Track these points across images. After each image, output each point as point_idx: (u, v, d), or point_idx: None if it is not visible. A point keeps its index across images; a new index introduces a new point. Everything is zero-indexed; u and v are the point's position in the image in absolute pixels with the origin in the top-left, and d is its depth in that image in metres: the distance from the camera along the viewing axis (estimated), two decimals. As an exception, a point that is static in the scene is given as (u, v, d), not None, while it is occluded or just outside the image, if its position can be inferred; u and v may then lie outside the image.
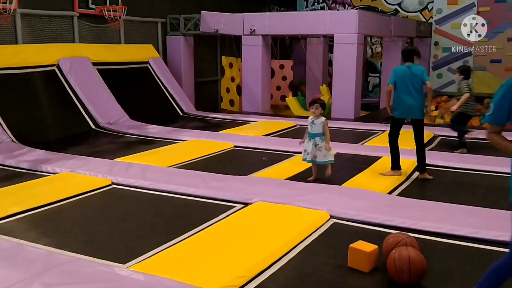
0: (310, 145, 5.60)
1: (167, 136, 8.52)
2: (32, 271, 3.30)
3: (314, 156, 5.58)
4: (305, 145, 5.68)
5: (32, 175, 6.01)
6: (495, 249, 3.89)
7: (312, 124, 5.61)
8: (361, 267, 3.53)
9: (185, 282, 3.20)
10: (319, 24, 10.96)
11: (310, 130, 5.62)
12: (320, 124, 5.58)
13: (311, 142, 5.60)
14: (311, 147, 5.58)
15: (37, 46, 9.05)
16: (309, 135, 5.63)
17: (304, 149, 5.71)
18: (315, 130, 5.59)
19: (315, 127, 5.59)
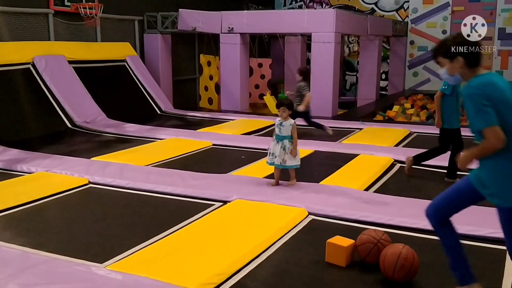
0: (278, 148, 5.24)
1: (145, 135, 8.47)
2: (8, 272, 3.26)
3: (283, 160, 5.24)
4: (272, 148, 5.31)
5: (7, 174, 5.91)
6: (466, 243, 3.97)
7: (281, 126, 5.28)
8: (339, 262, 3.59)
9: (163, 280, 3.19)
10: (297, 23, 11.01)
11: (278, 132, 5.29)
12: (289, 127, 5.25)
13: (279, 145, 5.26)
14: (279, 150, 5.23)
15: (12, 44, 8.89)
16: (277, 138, 5.29)
17: (270, 152, 5.32)
18: (283, 132, 5.26)
19: (283, 129, 5.27)
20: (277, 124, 5.33)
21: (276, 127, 5.32)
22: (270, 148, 5.34)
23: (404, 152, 7.10)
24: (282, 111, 5.28)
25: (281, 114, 5.28)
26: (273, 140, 5.35)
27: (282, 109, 5.28)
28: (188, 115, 11.01)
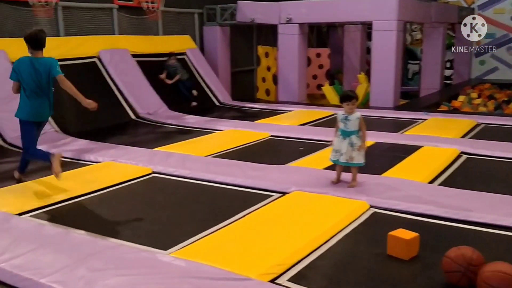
0: (345, 144, 4.81)
1: (205, 126, 8.60)
2: (77, 257, 3.41)
3: (350, 157, 4.82)
4: (337, 145, 4.89)
5: (76, 164, 6.19)
6: None
7: (346, 120, 4.82)
8: (401, 255, 3.50)
9: (225, 268, 3.24)
10: (357, 11, 10.78)
11: (343, 128, 4.84)
12: (356, 120, 4.81)
13: (346, 141, 4.82)
14: (346, 146, 4.81)
15: (78, 39, 9.27)
16: (343, 133, 4.84)
17: (334, 149, 4.91)
18: (350, 127, 4.81)
19: (350, 123, 4.81)
20: (341, 118, 4.87)
21: (340, 122, 4.87)
22: (334, 145, 4.92)
23: (472, 144, 6.82)
24: (351, 105, 4.78)
25: (349, 108, 4.79)
26: (337, 136, 4.91)
27: (352, 102, 4.78)
28: (246, 107, 11.08)
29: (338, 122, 4.91)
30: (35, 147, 5.20)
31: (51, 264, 3.30)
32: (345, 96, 4.88)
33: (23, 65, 5.01)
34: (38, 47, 4.98)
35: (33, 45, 4.98)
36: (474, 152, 6.45)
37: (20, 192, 5.03)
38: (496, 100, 12.11)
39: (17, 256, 3.43)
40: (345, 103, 4.82)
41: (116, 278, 3.11)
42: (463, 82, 15.19)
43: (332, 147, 5.01)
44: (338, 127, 4.94)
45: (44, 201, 4.72)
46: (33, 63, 5.00)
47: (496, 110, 11.18)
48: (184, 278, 3.11)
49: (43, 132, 7.48)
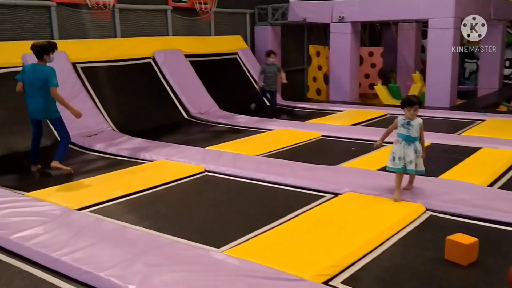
0: (411, 151, 4.53)
1: (255, 126, 8.64)
2: (134, 252, 3.51)
3: (416, 165, 4.57)
4: (400, 151, 4.56)
5: (131, 162, 6.37)
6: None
7: (408, 126, 4.54)
8: (459, 260, 3.38)
9: (278, 268, 3.24)
10: (412, 9, 10.51)
11: (406, 133, 4.55)
12: (418, 126, 4.57)
13: (411, 147, 4.54)
14: (413, 153, 4.53)
15: (134, 40, 9.55)
16: (407, 139, 4.55)
17: (398, 156, 4.56)
18: (413, 133, 4.54)
19: (413, 129, 4.54)
20: (402, 123, 4.59)
21: (402, 127, 4.58)
22: (394, 152, 4.59)
23: (534, 145, 6.51)
24: (413, 111, 4.52)
25: (411, 114, 4.53)
26: (398, 142, 4.60)
27: (414, 108, 4.51)
28: (296, 106, 11.05)
29: (398, 127, 4.62)
30: (33, 142, 5.97)
31: (109, 259, 3.41)
32: (407, 101, 4.57)
33: (27, 69, 5.78)
34: (39, 56, 5.68)
35: (35, 54, 5.70)
36: (537, 155, 6.15)
37: (80, 188, 5.24)
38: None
39: (77, 250, 3.57)
40: (407, 108, 4.54)
41: (171, 274, 3.18)
42: (524, 81, 14.51)
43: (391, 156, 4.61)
44: (389, 130, 4.76)
45: (102, 197, 4.88)
46: (34, 69, 5.72)
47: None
48: (237, 276, 3.14)
49: (100, 130, 7.81)
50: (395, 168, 4.59)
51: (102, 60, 8.79)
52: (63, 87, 7.89)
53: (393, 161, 4.60)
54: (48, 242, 3.71)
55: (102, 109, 8.25)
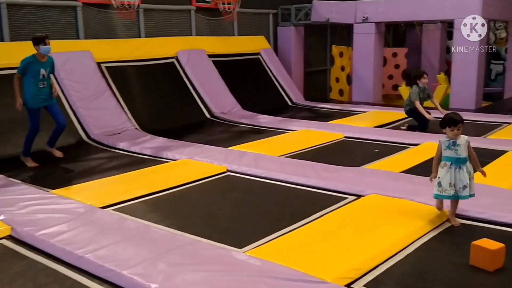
0: (465, 175, 4.00)
1: (278, 126, 8.63)
2: (157, 251, 3.53)
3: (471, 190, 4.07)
4: (451, 177, 4.00)
5: (154, 161, 6.42)
6: None
7: (455, 146, 4.01)
8: (485, 266, 3.31)
9: (300, 270, 3.22)
10: (437, 9, 10.36)
11: (455, 155, 4.01)
12: (465, 144, 4.04)
13: (463, 170, 4.00)
14: (467, 177, 4.02)
15: (158, 40, 9.63)
16: (457, 162, 4.00)
17: (448, 181, 4.00)
18: (461, 153, 4.02)
19: (461, 149, 4.01)
20: (447, 145, 4.04)
21: (447, 150, 4.04)
22: (442, 177, 4.04)
23: None
24: (457, 130, 4.00)
25: (454, 134, 4.01)
26: (446, 166, 4.04)
27: (456, 128, 3.99)
28: (318, 107, 11.00)
29: (443, 150, 4.08)
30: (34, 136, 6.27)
31: (132, 257, 3.44)
32: (450, 120, 4.02)
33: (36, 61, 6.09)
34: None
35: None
36: None
37: (104, 186, 5.30)
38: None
39: (101, 247, 3.61)
40: (449, 128, 4.00)
41: (194, 273, 3.19)
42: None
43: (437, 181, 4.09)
44: (438, 157, 4.13)
45: (125, 196, 4.93)
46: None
47: None
48: (259, 277, 3.13)
49: (124, 129, 7.91)
50: (445, 196, 4.09)
51: (127, 60, 8.90)
52: (88, 86, 8.04)
53: (440, 187, 4.05)
54: (73, 240, 3.76)
55: (126, 108, 8.35)
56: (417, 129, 8.10)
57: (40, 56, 5.99)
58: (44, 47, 5.94)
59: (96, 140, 7.48)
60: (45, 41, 5.93)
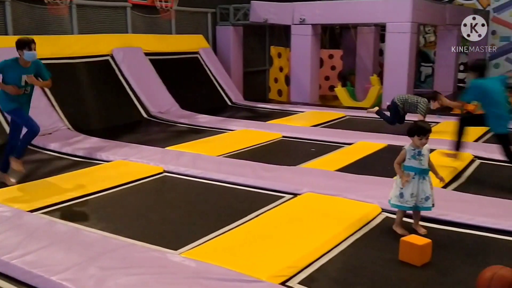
0: (427, 185, 3.92)
1: (217, 126, 8.60)
2: (88, 255, 3.41)
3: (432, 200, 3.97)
4: (414, 187, 3.89)
5: (87, 162, 6.21)
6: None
7: (420, 156, 3.92)
8: (413, 261, 3.46)
9: (235, 270, 3.22)
10: (371, 13, 10.72)
11: (419, 165, 3.91)
12: (427, 153, 3.98)
13: (426, 181, 3.91)
14: (429, 188, 3.94)
15: (92, 37, 9.32)
16: (420, 172, 3.90)
17: (410, 192, 3.88)
18: (425, 164, 3.95)
19: (424, 159, 3.93)
20: (412, 154, 3.92)
21: (412, 159, 3.92)
22: (403, 187, 3.90)
23: (486, 148, 6.74)
24: (425, 140, 3.91)
25: (422, 143, 3.90)
26: (405, 177, 3.89)
27: (427, 137, 3.91)
28: (258, 107, 11.07)
29: (407, 159, 3.94)
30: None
31: (62, 262, 3.31)
32: (420, 129, 3.90)
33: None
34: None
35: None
36: (488, 157, 6.38)
37: (32, 189, 5.06)
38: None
39: (29, 253, 3.45)
40: (418, 137, 3.88)
41: (127, 277, 3.11)
42: (477, 86, 15.04)
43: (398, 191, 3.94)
44: (399, 162, 3.99)
45: (55, 199, 4.74)
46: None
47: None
48: (194, 278, 3.10)
49: (55, 129, 7.59)
50: (405, 207, 3.93)
51: (58, 57, 8.53)
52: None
53: (401, 198, 3.91)
54: (-2, 245, 3.57)
55: (57, 108, 8.01)
56: (385, 118, 8.20)
57: (23, 61, 5.22)
58: (28, 53, 5.16)
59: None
60: (30, 46, 5.16)
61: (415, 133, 3.91)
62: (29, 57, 5.21)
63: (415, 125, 3.99)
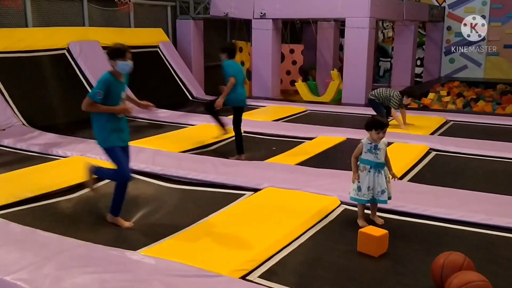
0: (383, 179, 3.97)
1: (177, 121, 8.52)
2: (44, 254, 3.32)
3: (389, 193, 4.04)
4: (370, 181, 3.95)
5: (43, 158, 6.03)
6: (506, 235, 3.88)
7: (376, 150, 3.97)
8: (371, 252, 3.54)
9: (195, 266, 3.21)
10: (330, 8, 10.82)
11: (374, 159, 3.96)
12: (384, 148, 4.02)
13: (381, 174, 3.97)
14: (384, 181, 3.98)
15: (47, 30, 9.04)
16: (376, 166, 3.96)
17: (366, 186, 3.96)
18: (381, 157, 3.99)
19: (380, 153, 3.97)
20: (368, 148, 3.98)
21: (368, 153, 3.98)
22: (360, 181, 3.98)
23: (441, 140, 6.95)
24: (382, 134, 3.98)
25: (379, 137, 3.97)
26: (365, 170, 3.98)
27: (383, 132, 3.97)
28: (219, 101, 11.00)
29: (364, 153, 4.00)
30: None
31: (16, 262, 3.21)
32: (376, 123, 3.96)
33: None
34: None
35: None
36: (443, 149, 6.58)
37: (-16, 187, 4.87)
38: (465, 98, 12.36)
39: (-20, 253, 3.33)
40: (375, 131, 3.94)
41: (83, 276, 3.04)
42: (433, 80, 15.47)
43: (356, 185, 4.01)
44: (356, 157, 4.06)
45: (9, 199, 4.56)
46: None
47: (465, 108, 11.41)
48: (153, 275, 3.07)
49: (9, 125, 7.34)
50: (363, 200, 4.01)
51: (11, 51, 8.24)
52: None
53: (359, 191, 3.99)
54: None
55: (11, 103, 7.74)
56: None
57: (117, 74, 4.16)
58: (122, 64, 4.07)
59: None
60: (125, 55, 4.08)
61: (373, 127, 3.96)
62: (124, 69, 4.12)
63: (372, 119, 4.04)
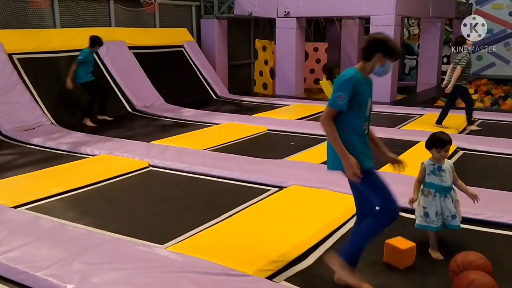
0: (450, 204, 3.53)
1: (202, 120, 8.58)
2: (73, 250, 3.39)
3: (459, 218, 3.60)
4: (437, 206, 3.52)
5: (71, 157, 6.15)
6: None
7: (441, 172, 3.53)
8: (396, 264, 3.39)
9: (221, 264, 3.22)
10: (355, 6, 10.75)
11: (439, 182, 3.54)
12: (450, 169, 3.57)
13: (448, 199, 3.53)
14: (453, 206, 3.54)
15: (75, 30, 9.20)
16: (441, 190, 3.53)
17: (434, 211, 3.52)
18: (447, 180, 3.54)
19: (446, 175, 3.53)
20: (431, 170, 3.56)
21: (432, 175, 3.56)
22: (426, 206, 3.55)
23: (468, 139, 6.84)
24: (444, 152, 3.52)
25: (442, 156, 3.53)
26: (430, 194, 3.56)
27: (446, 149, 3.51)
28: (243, 100, 11.06)
29: (427, 175, 3.59)
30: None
31: (47, 258, 3.28)
32: (438, 140, 3.51)
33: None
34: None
35: None
36: (471, 148, 6.47)
37: (16, 184, 5.01)
38: (493, 95, 12.13)
39: (13, 249, 3.41)
40: (436, 149, 3.52)
41: (112, 272, 3.09)
42: (460, 78, 15.20)
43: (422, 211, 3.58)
44: (419, 181, 3.66)
45: (40, 194, 4.69)
46: None
47: (493, 106, 11.19)
48: (180, 273, 3.10)
49: (39, 124, 7.51)
50: (432, 228, 3.54)
51: (41, 51, 8.43)
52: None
53: (426, 218, 3.55)
54: (-19, 242, 3.52)
55: (40, 103, 7.93)
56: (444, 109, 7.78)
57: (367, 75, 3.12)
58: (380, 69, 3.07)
59: (8, 136, 7.05)
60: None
61: (433, 145, 3.53)
62: (383, 72, 3.11)
63: (433, 136, 3.56)
